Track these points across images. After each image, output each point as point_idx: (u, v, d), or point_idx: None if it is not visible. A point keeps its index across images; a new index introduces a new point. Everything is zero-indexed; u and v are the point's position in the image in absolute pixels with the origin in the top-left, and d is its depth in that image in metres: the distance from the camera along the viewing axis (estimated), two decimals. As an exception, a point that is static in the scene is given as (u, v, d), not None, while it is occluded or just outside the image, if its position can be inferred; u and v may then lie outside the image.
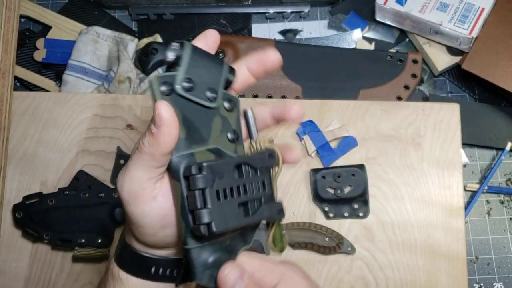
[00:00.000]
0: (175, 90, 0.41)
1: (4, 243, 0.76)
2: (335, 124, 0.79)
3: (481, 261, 0.82)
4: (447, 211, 0.76)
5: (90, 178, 0.78)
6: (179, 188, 0.41)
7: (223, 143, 0.44)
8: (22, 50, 0.90)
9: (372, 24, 0.91)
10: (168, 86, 0.41)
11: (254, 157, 0.44)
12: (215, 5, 0.92)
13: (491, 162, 0.86)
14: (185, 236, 0.41)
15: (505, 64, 0.83)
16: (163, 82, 0.42)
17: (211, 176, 0.40)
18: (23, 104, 0.81)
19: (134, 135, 0.80)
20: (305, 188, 0.77)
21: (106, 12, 0.93)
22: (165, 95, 0.41)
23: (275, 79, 0.87)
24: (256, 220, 0.45)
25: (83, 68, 0.87)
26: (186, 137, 0.41)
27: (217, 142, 0.43)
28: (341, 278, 0.74)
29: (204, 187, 0.40)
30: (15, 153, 0.79)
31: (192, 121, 0.42)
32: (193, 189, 0.40)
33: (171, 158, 0.41)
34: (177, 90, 0.41)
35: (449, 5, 0.85)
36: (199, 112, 0.42)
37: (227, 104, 0.45)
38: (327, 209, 0.76)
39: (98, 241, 0.74)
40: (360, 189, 0.76)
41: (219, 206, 0.40)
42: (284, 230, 0.75)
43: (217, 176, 0.41)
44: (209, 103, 0.43)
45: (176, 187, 0.41)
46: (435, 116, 0.80)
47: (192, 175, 0.40)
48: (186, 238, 0.41)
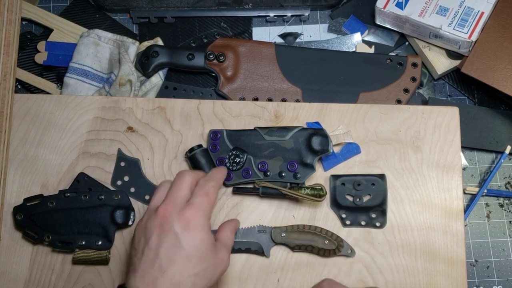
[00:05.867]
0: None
1: (5, 245, 0.76)
2: (341, 130, 0.79)
3: (481, 264, 0.82)
4: (447, 214, 0.76)
5: (90, 180, 0.78)
6: None
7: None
8: (23, 52, 0.90)
9: (372, 27, 0.92)
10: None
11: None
12: (216, 8, 0.93)
13: (491, 165, 0.86)
14: None
15: (504, 67, 0.83)
16: None
17: None
18: (24, 106, 0.81)
19: (134, 138, 0.80)
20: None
21: (108, 15, 0.94)
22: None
23: (275, 82, 0.87)
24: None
25: (84, 70, 0.87)
26: None
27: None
28: (341, 281, 0.74)
29: None
30: (16, 155, 0.79)
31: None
32: None
33: None
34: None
35: (448, 9, 0.85)
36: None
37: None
38: (344, 216, 0.76)
39: (99, 243, 0.74)
40: (379, 199, 0.76)
41: None
42: (284, 232, 0.75)
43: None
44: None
45: None
46: (435, 119, 0.80)
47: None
48: None
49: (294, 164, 0.73)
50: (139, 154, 0.79)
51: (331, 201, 0.77)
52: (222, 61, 0.87)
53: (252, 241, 0.75)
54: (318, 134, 0.74)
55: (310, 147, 0.73)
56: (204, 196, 0.62)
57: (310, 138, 0.73)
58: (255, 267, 0.75)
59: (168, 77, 0.89)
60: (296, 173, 0.73)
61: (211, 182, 0.65)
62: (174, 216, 0.60)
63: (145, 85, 0.87)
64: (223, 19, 0.93)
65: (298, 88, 0.87)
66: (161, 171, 0.79)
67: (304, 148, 0.74)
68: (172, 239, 0.58)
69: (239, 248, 0.75)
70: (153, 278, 0.57)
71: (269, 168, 0.72)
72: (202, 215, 0.61)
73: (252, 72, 0.87)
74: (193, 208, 0.61)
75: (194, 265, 0.58)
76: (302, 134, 0.74)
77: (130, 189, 0.78)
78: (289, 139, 0.74)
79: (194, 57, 0.87)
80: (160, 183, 0.68)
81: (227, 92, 0.87)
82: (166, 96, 0.87)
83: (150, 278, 0.57)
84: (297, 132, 0.74)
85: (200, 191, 0.63)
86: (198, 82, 0.90)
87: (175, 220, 0.59)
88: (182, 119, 0.81)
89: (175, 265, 0.58)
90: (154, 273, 0.57)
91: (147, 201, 0.78)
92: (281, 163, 0.73)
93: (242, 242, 0.75)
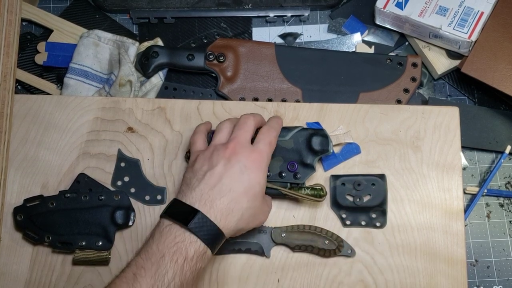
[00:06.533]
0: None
1: (5, 246, 0.76)
2: (341, 130, 0.79)
3: (481, 264, 0.82)
4: (447, 214, 0.76)
5: (91, 180, 0.78)
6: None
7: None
8: (23, 53, 0.90)
9: (371, 27, 0.92)
10: None
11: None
12: (216, 9, 0.93)
13: (491, 165, 0.86)
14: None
15: (504, 67, 0.83)
16: None
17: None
18: (24, 107, 0.81)
19: (134, 138, 0.80)
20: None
21: (107, 15, 0.94)
22: None
23: (275, 82, 0.87)
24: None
25: (84, 71, 0.87)
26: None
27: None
28: (341, 281, 0.74)
29: None
30: (16, 155, 0.79)
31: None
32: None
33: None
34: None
35: (448, 9, 0.85)
36: None
37: None
38: (345, 216, 0.76)
39: (99, 243, 0.74)
40: (379, 199, 0.76)
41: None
42: (284, 232, 0.75)
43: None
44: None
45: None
46: (435, 119, 0.80)
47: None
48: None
49: (294, 164, 0.73)
50: (139, 154, 0.79)
51: (331, 201, 0.77)
52: (222, 61, 0.87)
53: (252, 241, 0.75)
54: (318, 134, 0.74)
55: (310, 148, 0.73)
56: (268, 144, 0.69)
57: (310, 139, 0.73)
58: (255, 268, 0.75)
59: (168, 78, 0.89)
60: (296, 173, 0.73)
61: (273, 132, 0.71)
62: (242, 153, 0.66)
63: (145, 85, 0.87)
64: (223, 19, 0.93)
65: (298, 88, 0.87)
66: (161, 172, 0.79)
67: (304, 148, 0.74)
68: (236, 172, 0.65)
69: (239, 249, 0.75)
70: (211, 199, 0.64)
71: (269, 168, 0.72)
72: (265, 160, 0.68)
73: (252, 72, 0.87)
74: (258, 152, 0.67)
75: (248, 199, 0.65)
76: (302, 134, 0.74)
77: (130, 189, 0.78)
78: (289, 139, 0.74)
79: (194, 57, 0.87)
80: (220, 123, 0.72)
81: (227, 93, 0.87)
82: (166, 96, 0.87)
83: (209, 197, 0.64)
84: (297, 132, 0.74)
85: (265, 139, 0.69)
86: (198, 83, 0.90)
87: (243, 157, 0.66)
88: (182, 120, 0.81)
89: (233, 194, 0.64)
90: (213, 195, 0.64)
91: (147, 202, 0.78)
92: (281, 163, 0.73)
93: (242, 242, 0.75)
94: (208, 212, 0.63)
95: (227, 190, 0.64)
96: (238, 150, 0.67)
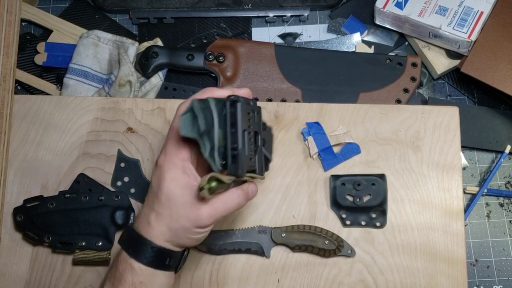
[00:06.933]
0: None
1: (5, 246, 0.76)
2: (341, 130, 0.79)
3: (481, 264, 0.82)
4: (447, 214, 0.76)
5: (90, 181, 0.78)
6: None
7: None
8: (23, 53, 0.90)
9: (371, 27, 0.92)
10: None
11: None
12: (216, 9, 0.93)
13: (491, 165, 0.86)
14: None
15: (503, 67, 0.83)
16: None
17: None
18: (24, 107, 0.81)
19: (134, 138, 0.80)
20: (306, 190, 0.77)
21: (107, 16, 0.94)
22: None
23: (274, 82, 0.87)
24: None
25: (84, 71, 0.87)
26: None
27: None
28: (341, 281, 0.74)
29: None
30: (16, 156, 0.79)
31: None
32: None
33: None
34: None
35: (448, 9, 0.85)
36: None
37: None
38: (345, 216, 0.76)
39: (99, 244, 0.74)
40: (379, 199, 0.76)
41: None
42: (284, 232, 0.75)
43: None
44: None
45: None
46: (435, 119, 0.80)
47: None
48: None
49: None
50: (139, 154, 0.79)
51: (331, 201, 0.77)
52: (221, 61, 0.87)
53: (252, 242, 0.75)
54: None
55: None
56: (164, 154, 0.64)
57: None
58: (255, 268, 0.75)
59: (168, 78, 0.89)
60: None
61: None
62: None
63: (144, 85, 0.87)
64: (222, 19, 0.93)
65: (298, 88, 0.87)
66: (161, 172, 0.79)
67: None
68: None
69: (239, 249, 0.75)
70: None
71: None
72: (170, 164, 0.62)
73: (252, 72, 0.87)
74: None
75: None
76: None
77: (130, 189, 0.78)
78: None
79: (194, 57, 0.87)
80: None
81: (227, 93, 0.87)
82: (165, 96, 0.87)
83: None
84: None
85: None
86: (197, 83, 0.90)
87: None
88: (182, 120, 0.80)
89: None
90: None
91: (147, 202, 0.78)
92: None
93: (242, 242, 0.75)
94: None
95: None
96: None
